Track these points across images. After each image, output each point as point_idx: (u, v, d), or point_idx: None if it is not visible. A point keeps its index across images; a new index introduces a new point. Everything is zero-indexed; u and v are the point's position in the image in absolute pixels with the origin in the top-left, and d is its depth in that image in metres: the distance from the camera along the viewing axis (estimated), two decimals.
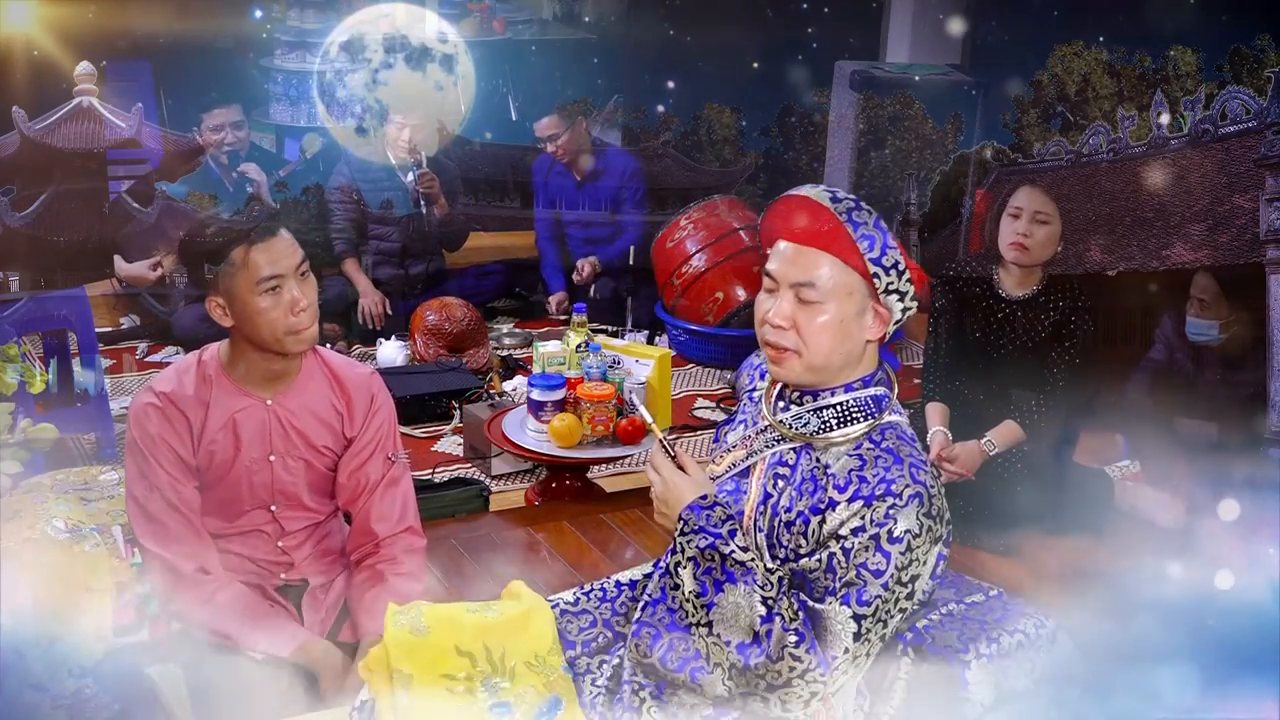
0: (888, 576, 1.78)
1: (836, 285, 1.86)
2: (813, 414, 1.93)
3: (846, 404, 1.92)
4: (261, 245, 2.33)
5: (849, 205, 1.86)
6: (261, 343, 2.38)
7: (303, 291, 2.36)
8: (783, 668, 1.79)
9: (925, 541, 1.80)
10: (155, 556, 2.38)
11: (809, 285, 1.86)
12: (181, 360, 2.49)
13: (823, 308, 1.86)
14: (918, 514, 1.79)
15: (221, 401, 2.41)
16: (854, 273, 1.86)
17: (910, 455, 1.85)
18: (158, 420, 2.37)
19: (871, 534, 1.78)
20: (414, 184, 5.30)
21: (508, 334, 5.31)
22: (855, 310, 1.87)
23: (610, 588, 2.18)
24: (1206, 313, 3.68)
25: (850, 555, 1.79)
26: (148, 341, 5.12)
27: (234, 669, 2.34)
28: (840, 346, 1.89)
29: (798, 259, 1.87)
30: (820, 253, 1.86)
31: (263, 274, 2.33)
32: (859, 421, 1.90)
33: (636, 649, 1.95)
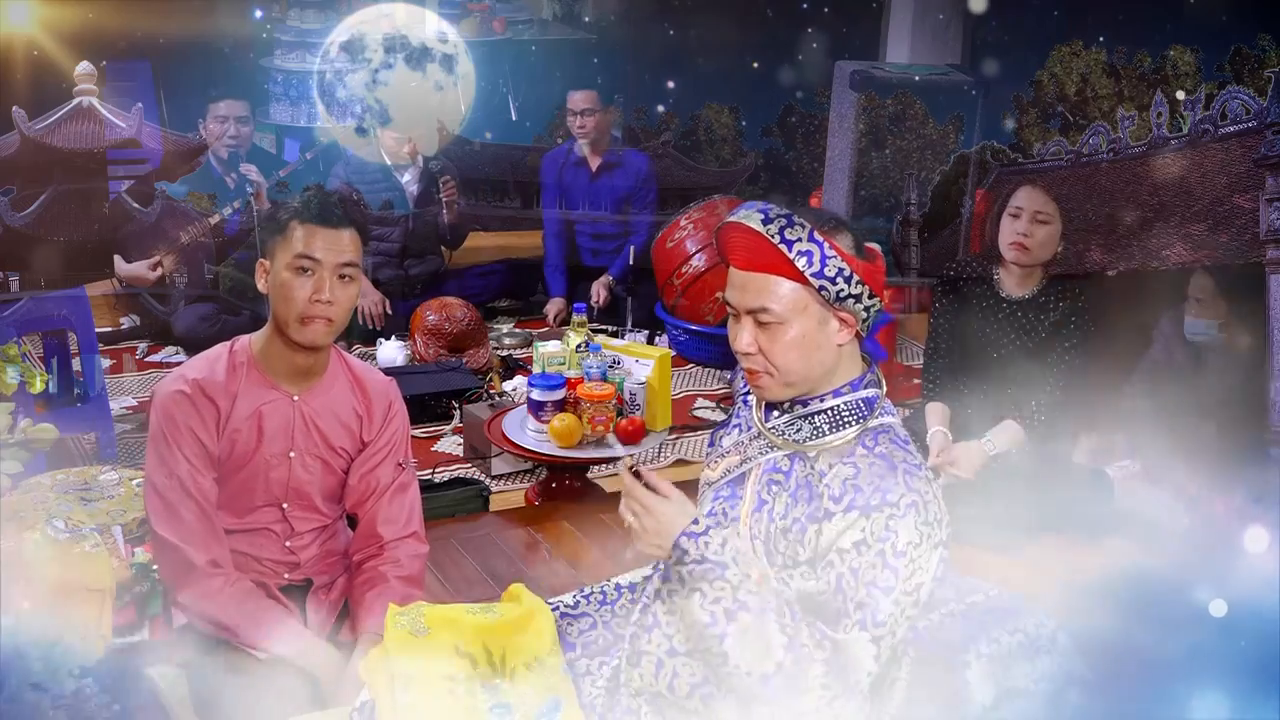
0: (898, 592, 1.76)
1: (790, 304, 1.85)
2: (804, 420, 1.93)
3: (837, 409, 1.91)
4: (314, 226, 2.34)
5: (781, 224, 1.83)
6: (280, 320, 2.38)
7: (334, 289, 2.35)
8: (812, 698, 1.76)
9: (926, 549, 1.79)
10: (168, 546, 2.37)
11: (763, 310, 1.86)
12: (211, 350, 2.49)
13: (783, 328, 1.86)
14: (916, 523, 1.78)
15: (249, 392, 2.41)
16: (802, 288, 1.85)
17: (905, 461, 1.84)
18: (185, 407, 2.37)
19: (876, 550, 1.77)
20: (415, 182, 5.31)
21: (508, 334, 5.31)
22: (816, 322, 1.86)
23: (610, 590, 2.19)
24: (1204, 312, 3.67)
25: (859, 575, 1.77)
26: (148, 341, 5.12)
27: (234, 669, 2.34)
28: (811, 359, 1.88)
29: (748, 286, 1.87)
30: (767, 275, 1.85)
31: (299, 250, 2.33)
32: (850, 426, 1.90)
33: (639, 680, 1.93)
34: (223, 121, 5.30)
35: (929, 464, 3.38)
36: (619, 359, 3.56)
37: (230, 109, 5.33)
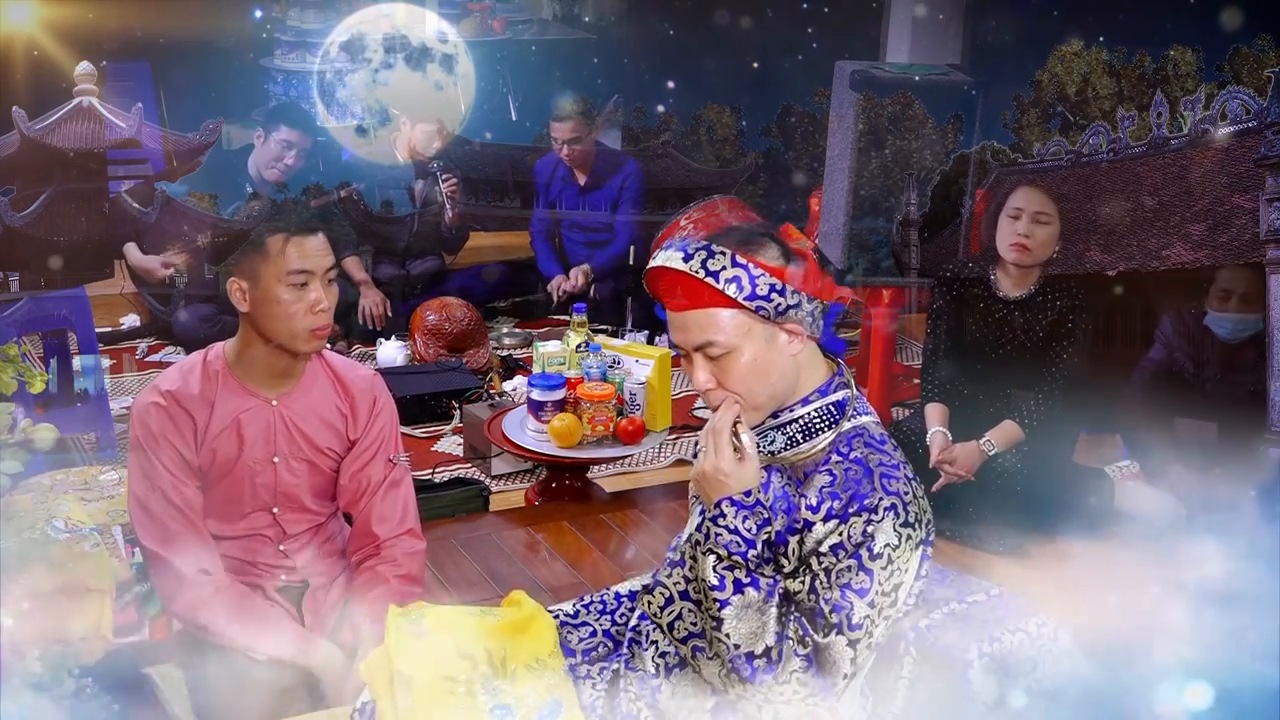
0: (873, 594, 1.77)
1: (733, 331, 1.84)
2: (776, 432, 1.93)
3: (808, 417, 1.91)
4: (300, 238, 2.34)
5: (702, 258, 1.83)
6: (274, 335, 2.37)
7: (326, 295, 2.37)
8: (788, 691, 1.80)
9: (905, 551, 1.79)
10: (156, 557, 2.38)
11: (709, 344, 1.85)
12: (185, 359, 2.49)
13: (733, 356, 1.84)
14: (894, 525, 1.78)
15: (226, 400, 2.41)
16: (741, 312, 1.83)
17: (881, 464, 1.83)
18: (161, 419, 2.37)
19: (852, 553, 1.78)
20: (426, 186, 5.31)
21: (508, 334, 5.30)
22: (764, 341, 1.85)
23: (610, 599, 2.19)
24: (1248, 308, 3.60)
25: (833, 576, 1.78)
26: (148, 341, 5.12)
27: (234, 669, 2.34)
28: (770, 377, 1.87)
29: (688, 324, 1.86)
30: (701, 311, 1.84)
31: (294, 266, 2.33)
32: (823, 433, 1.90)
33: (649, 605, 1.96)
34: (288, 148, 5.15)
35: (931, 464, 3.40)
36: (619, 359, 3.56)
37: (295, 138, 5.16)
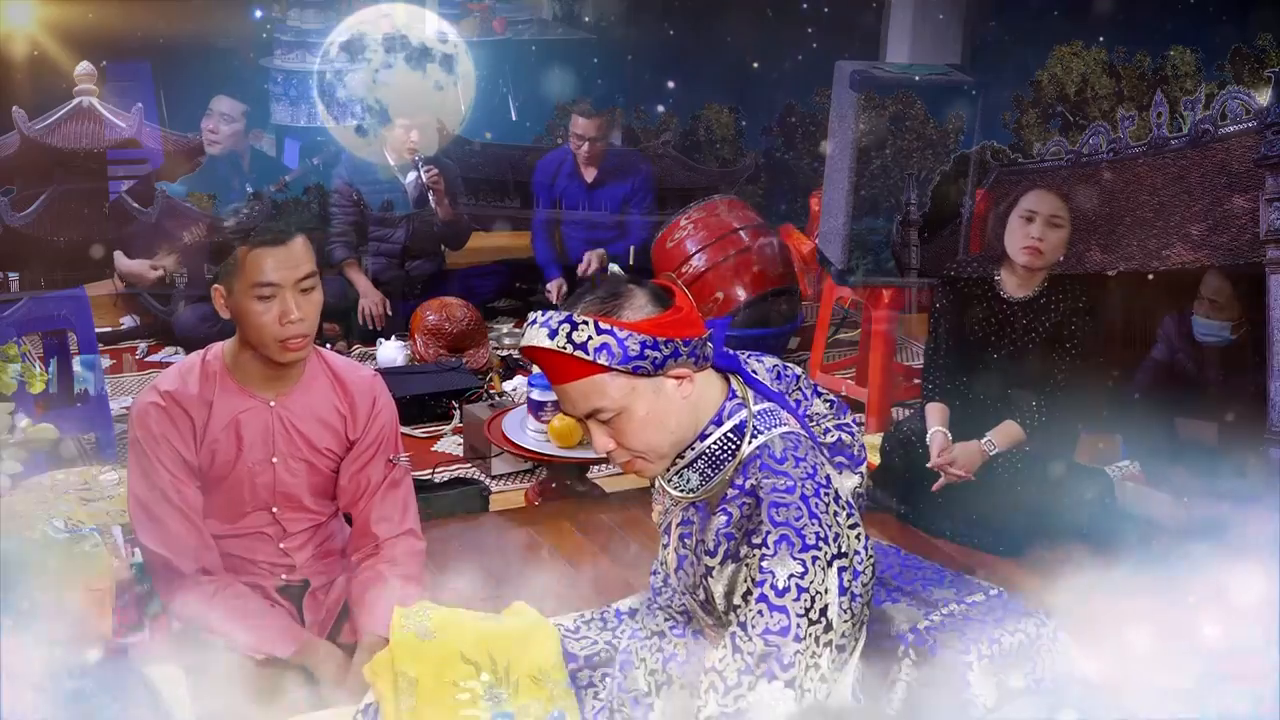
0: (794, 629, 1.72)
1: (616, 396, 1.80)
2: (689, 469, 1.91)
3: (709, 451, 1.88)
4: (263, 250, 2.28)
5: (566, 331, 1.77)
6: (251, 343, 2.36)
7: (299, 304, 2.30)
8: None
9: (815, 572, 1.73)
10: (156, 557, 2.38)
11: (597, 411, 1.83)
12: (184, 360, 2.48)
13: (625, 415, 1.82)
14: (791, 555, 1.72)
15: (225, 401, 2.40)
16: (618, 375, 1.79)
17: (773, 489, 1.78)
18: (161, 420, 2.36)
19: (759, 596, 1.73)
20: (416, 182, 5.29)
21: (508, 334, 5.30)
22: (652, 394, 1.82)
23: (610, 617, 2.19)
24: (1219, 314, 3.66)
25: (750, 629, 1.73)
26: (148, 341, 5.12)
27: (234, 669, 2.34)
28: (667, 427, 1.85)
29: (571, 396, 1.83)
30: (581, 382, 1.81)
31: (255, 279, 2.28)
32: (727, 462, 1.86)
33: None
34: (224, 120, 5.26)
35: (931, 464, 3.39)
36: None
37: (227, 106, 5.28)
